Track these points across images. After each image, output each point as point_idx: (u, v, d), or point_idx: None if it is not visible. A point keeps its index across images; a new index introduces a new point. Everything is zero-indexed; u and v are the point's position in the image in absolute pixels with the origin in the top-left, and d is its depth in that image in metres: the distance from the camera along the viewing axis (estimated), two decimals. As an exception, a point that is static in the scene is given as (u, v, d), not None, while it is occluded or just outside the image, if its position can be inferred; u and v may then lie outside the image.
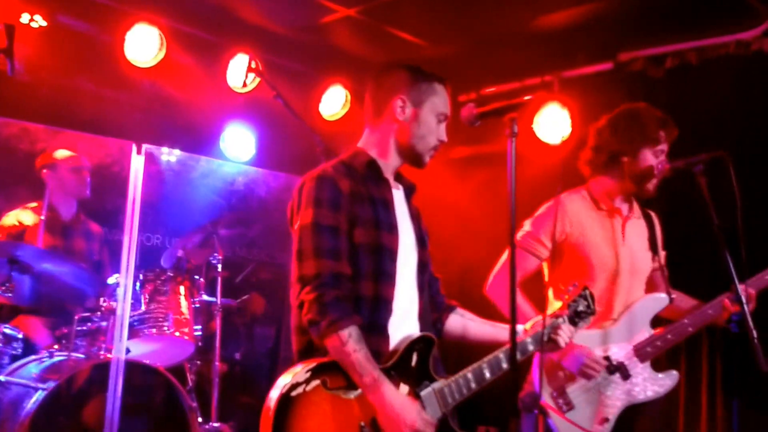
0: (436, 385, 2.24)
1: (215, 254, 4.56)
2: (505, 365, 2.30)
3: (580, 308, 2.50)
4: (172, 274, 4.16)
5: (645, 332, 2.99)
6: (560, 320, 2.45)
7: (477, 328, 2.50)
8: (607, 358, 2.92)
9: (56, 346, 3.71)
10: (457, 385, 2.25)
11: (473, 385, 2.25)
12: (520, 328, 2.41)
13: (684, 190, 3.06)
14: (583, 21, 4.25)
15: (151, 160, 4.69)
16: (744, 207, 2.68)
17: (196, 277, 4.47)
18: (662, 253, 3.17)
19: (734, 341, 2.74)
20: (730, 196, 2.70)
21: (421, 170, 2.46)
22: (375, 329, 2.20)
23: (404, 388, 2.20)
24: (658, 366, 3.01)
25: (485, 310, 2.59)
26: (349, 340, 2.10)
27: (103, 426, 3.25)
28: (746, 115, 4.08)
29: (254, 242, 5.68)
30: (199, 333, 4.23)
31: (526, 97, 2.11)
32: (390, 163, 2.40)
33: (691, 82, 4.29)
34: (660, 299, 3.03)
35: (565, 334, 2.43)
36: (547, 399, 2.91)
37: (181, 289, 4.21)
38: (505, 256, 3.05)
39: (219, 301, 4.49)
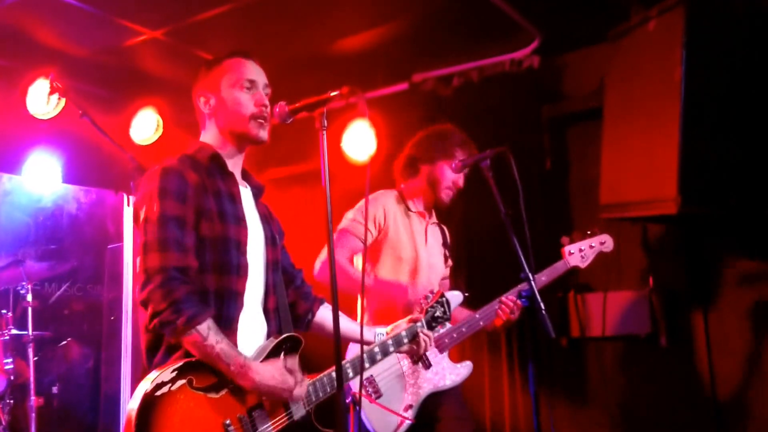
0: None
1: (23, 283, 4.34)
2: (367, 364, 2.45)
3: (438, 314, 2.71)
4: (-26, 308, 3.96)
5: (443, 325, 3.32)
6: (419, 324, 2.62)
7: (342, 324, 2.55)
8: None
9: None
10: (321, 384, 2.31)
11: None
12: (383, 330, 2.56)
13: (475, 184, 3.40)
14: (378, 45, 4.53)
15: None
16: (523, 196, 3.02)
17: (4, 311, 4.26)
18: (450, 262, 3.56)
19: (526, 315, 3.14)
20: (513, 187, 3.03)
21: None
22: (223, 323, 2.16)
23: None
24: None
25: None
26: (210, 333, 2.07)
27: None
28: (519, 123, 4.56)
29: (66, 259, 5.28)
30: (11, 366, 4.05)
31: (333, 93, 2.15)
32: (231, 154, 2.38)
33: (474, 97, 4.66)
34: (457, 295, 3.31)
35: (428, 337, 2.60)
36: (358, 388, 3.11)
37: (-14, 323, 4.03)
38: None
39: (30, 333, 4.30)
